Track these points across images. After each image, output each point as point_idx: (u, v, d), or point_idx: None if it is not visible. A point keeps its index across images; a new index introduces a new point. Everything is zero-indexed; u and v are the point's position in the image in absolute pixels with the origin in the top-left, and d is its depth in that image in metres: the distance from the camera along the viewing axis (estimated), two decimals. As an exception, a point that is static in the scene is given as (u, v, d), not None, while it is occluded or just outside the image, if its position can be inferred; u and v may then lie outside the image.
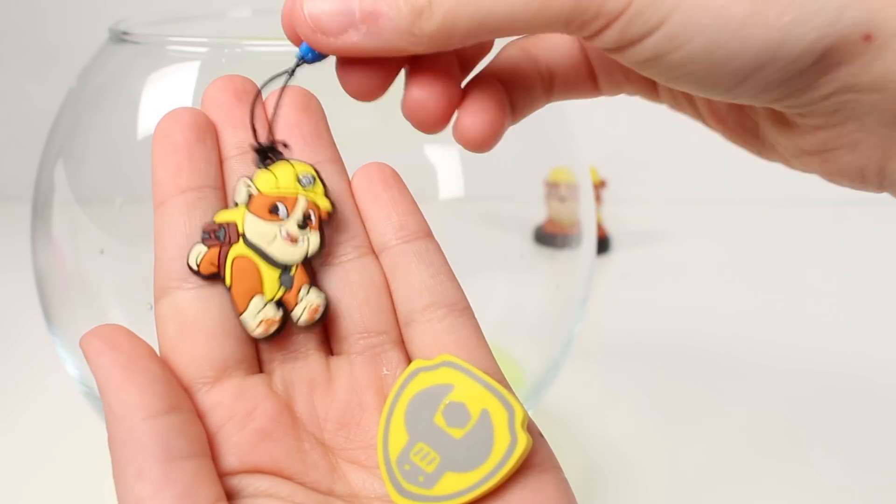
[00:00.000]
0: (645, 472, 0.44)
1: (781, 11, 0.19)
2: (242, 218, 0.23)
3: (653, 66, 0.21)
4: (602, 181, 0.74)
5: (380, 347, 0.24)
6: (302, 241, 0.23)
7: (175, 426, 0.21)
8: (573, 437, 0.47)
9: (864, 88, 0.20)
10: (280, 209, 0.23)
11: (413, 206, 0.25)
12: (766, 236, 0.79)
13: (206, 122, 0.25)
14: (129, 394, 0.21)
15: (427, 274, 0.24)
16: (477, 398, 0.22)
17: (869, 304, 0.63)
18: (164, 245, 0.23)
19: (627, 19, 0.20)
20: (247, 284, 0.23)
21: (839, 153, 0.22)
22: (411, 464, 0.22)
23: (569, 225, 0.44)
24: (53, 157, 0.41)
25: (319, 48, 0.22)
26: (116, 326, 0.22)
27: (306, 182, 0.24)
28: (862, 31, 0.19)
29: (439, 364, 0.22)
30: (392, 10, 0.21)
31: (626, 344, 0.58)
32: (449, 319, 0.24)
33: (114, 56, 0.40)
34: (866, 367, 0.54)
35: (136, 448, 0.20)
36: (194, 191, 0.24)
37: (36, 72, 0.85)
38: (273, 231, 0.23)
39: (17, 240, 0.50)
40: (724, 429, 0.48)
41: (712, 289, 0.67)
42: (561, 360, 0.43)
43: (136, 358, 0.22)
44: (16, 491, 0.43)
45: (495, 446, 0.21)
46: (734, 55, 0.20)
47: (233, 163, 0.25)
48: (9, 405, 0.51)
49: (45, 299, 0.41)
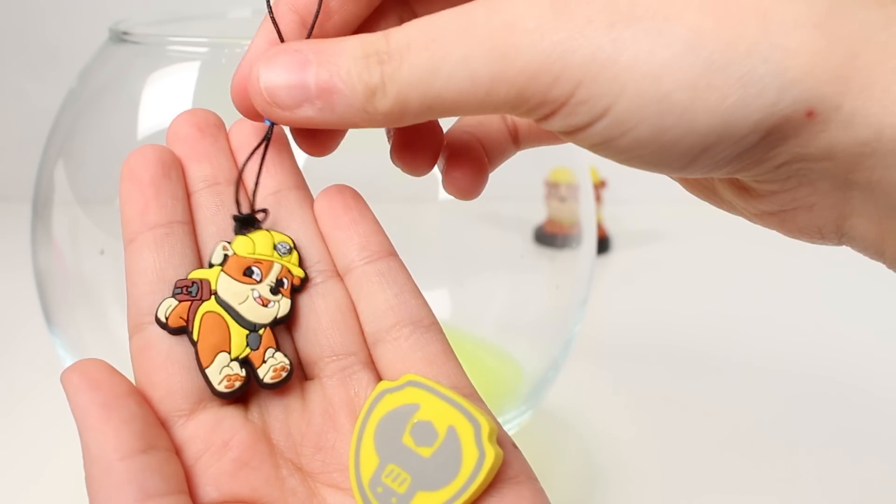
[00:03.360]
0: (645, 471, 0.44)
1: (723, 95, 0.19)
2: (216, 277, 0.24)
3: (603, 149, 0.21)
4: (602, 181, 0.74)
5: (350, 369, 0.24)
6: (273, 305, 0.24)
7: (151, 465, 0.21)
8: (573, 437, 0.47)
9: (813, 158, 0.20)
10: (255, 272, 0.24)
11: (375, 226, 0.25)
12: (766, 236, 0.79)
13: (171, 157, 0.25)
14: (106, 434, 0.21)
15: (391, 293, 0.24)
16: (442, 416, 0.22)
17: (869, 305, 0.63)
18: (135, 282, 0.24)
19: (571, 107, 0.20)
20: (213, 340, 0.23)
21: (796, 213, 0.23)
22: (383, 486, 0.22)
23: (569, 225, 0.44)
24: (53, 157, 0.41)
25: (275, 120, 0.22)
26: (97, 361, 0.23)
27: (283, 250, 0.24)
28: (804, 108, 0.20)
29: (404, 384, 0.23)
30: (346, 88, 0.21)
31: (626, 344, 0.58)
32: (415, 337, 0.24)
33: (114, 56, 0.40)
34: (867, 368, 0.54)
35: (112, 488, 0.21)
36: (162, 226, 0.24)
37: (36, 72, 0.85)
38: (245, 292, 0.24)
39: (17, 240, 0.50)
40: (725, 428, 0.48)
41: (712, 289, 0.67)
42: (561, 360, 0.43)
43: (115, 397, 0.22)
44: (16, 491, 0.43)
45: (464, 462, 0.21)
46: (680, 138, 0.20)
47: (199, 196, 0.25)
48: (9, 405, 0.51)
49: (45, 299, 0.41)
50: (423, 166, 0.26)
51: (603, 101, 0.20)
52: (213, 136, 0.25)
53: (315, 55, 0.22)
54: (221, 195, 0.25)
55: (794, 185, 0.22)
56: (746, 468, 0.44)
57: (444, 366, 0.24)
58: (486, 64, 0.20)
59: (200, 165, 0.25)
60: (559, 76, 0.20)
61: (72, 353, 0.40)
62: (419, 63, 0.21)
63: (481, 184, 0.27)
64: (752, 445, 0.46)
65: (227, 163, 0.25)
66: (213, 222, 0.25)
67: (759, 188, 0.23)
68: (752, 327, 0.60)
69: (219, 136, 0.26)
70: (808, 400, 0.51)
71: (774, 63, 0.19)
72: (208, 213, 0.25)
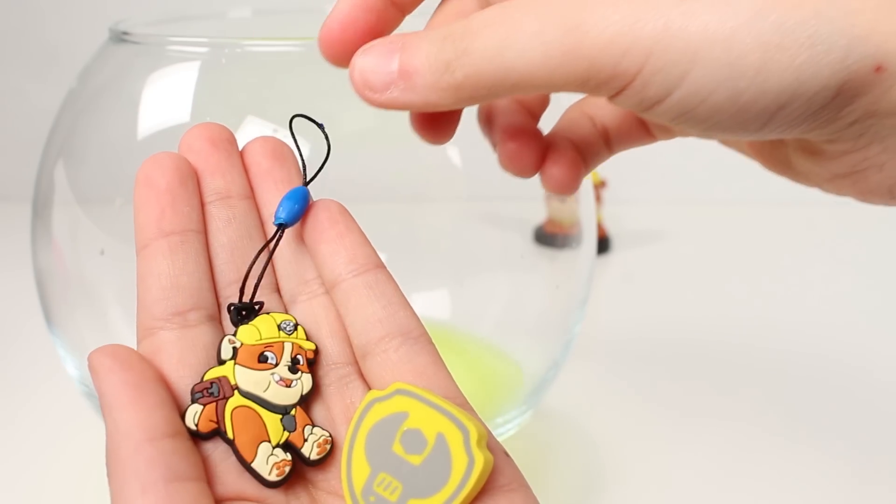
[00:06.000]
0: (645, 472, 0.44)
1: (793, 55, 0.20)
2: (232, 371, 0.24)
3: (683, 121, 0.22)
4: (602, 181, 0.74)
5: (346, 378, 0.25)
6: (296, 384, 0.24)
7: (179, 450, 0.22)
8: (573, 437, 0.47)
9: (883, 114, 0.21)
10: (269, 356, 0.24)
11: (362, 238, 0.25)
12: (766, 236, 0.79)
13: (187, 166, 0.25)
14: (138, 414, 0.21)
15: (379, 305, 0.24)
16: (431, 423, 0.22)
17: (869, 305, 0.63)
18: (148, 287, 0.24)
19: (645, 79, 0.21)
20: (251, 433, 0.23)
21: (868, 174, 0.24)
22: (375, 495, 0.22)
23: (569, 225, 0.44)
24: (53, 157, 0.41)
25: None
26: (127, 347, 0.23)
27: (288, 329, 0.25)
28: (872, 63, 0.20)
29: (392, 393, 0.23)
30: (424, 66, 0.22)
31: (626, 344, 0.58)
32: (404, 349, 0.24)
33: (114, 56, 0.40)
34: (867, 367, 0.54)
35: (142, 466, 0.21)
36: (177, 234, 0.24)
37: (36, 72, 0.85)
38: (266, 378, 0.24)
39: (17, 240, 0.50)
40: (725, 428, 0.48)
41: (712, 289, 0.67)
42: (561, 360, 0.43)
43: (145, 380, 0.22)
44: (16, 491, 0.43)
45: (454, 469, 0.21)
46: (755, 99, 0.21)
47: (212, 208, 0.25)
48: (9, 405, 0.51)
49: (45, 299, 0.41)
50: (530, 169, 0.28)
51: (677, 69, 0.21)
52: (226, 151, 0.26)
53: (402, 44, 0.23)
54: (233, 208, 0.26)
55: (866, 143, 0.23)
56: (747, 468, 0.44)
57: (434, 377, 0.24)
58: (557, 37, 0.21)
59: (213, 178, 0.26)
60: (629, 48, 0.20)
61: (72, 353, 0.40)
62: (492, 36, 0.21)
63: (578, 180, 0.29)
64: (752, 445, 0.46)
65: (239, 178, 0.26)
66: (224, 233, 0.25)
67: (832, 149, 0.23)
68: (752, 327, 0.60)
69: (231, 151, 0.26)
70: (809, 400, 0.51)
71: (840, 21, 0.20)
72: (220, 224, 0.25)
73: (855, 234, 0.79)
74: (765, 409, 0.50)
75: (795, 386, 0.52)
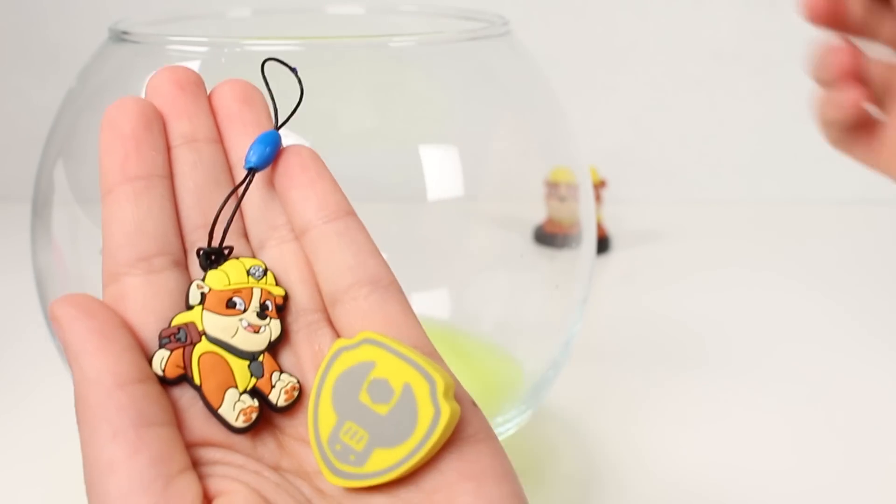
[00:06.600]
0: (644, 472, 0.44)
1: None
2: (200, 317, 0.23)
3: None
4: (602, 181, 0.74)
5: (315, 325, 0.24)
6: (264, 329, 0.24)
7: (148, 395, 0.22)
8: (573, 437, 0.47)
9: None
10: (237, 302, 0.24)
11: (333, 185, 0.25)
12: (766, 236, 0.79)
13: (152, 110, 0.25)
14: (105, 361, 0.21)
15: (349, 253, 0.24)
16: (398, 373, 0.22)
17: (869, 304, 0.63)
18: (112, 233, 0.24)
19: None
20: (218, 379, 0.23)
21: None
22: (342, 443, 0.22)
23: (569, 225, 0.44)
24: (53, 157, 0.41)
25: None
26: (88, 295, 0.23)
27: (258, 274, 0.24)
28: None
29: (360, 342, 0.23)
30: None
31: (626, 344, 0.58)
32: (374, 297, 0.24)
33: (114, 56, 0.40)
34: (867, 367, 0.54)
35: (113, 411, 0.21)
36: (142, 179, 0.24)
37: (36, 72, 0.85)
38: (234, 324, 0.24)
39: (17, 240, 0.50)
40: (725, 428, 0.48)
41: (712, 289, 0.67)
42: (561, 360, 0.43)
43: (111, 327, 0.22)
44: (15, 490, 0.43)
45: (420, 419, 0.21)
46: None
47: (178, 152, 0.25)
48: (9, 405, 0.51)
49: (45, 299, 0.41)
50: None
51: None
52: (193, 94, 0.25)
53: None
54: (200, 152, 0.25)
55: None
56: (747, 467, 0.44)
57: (404, 325, 0.24)
58: None
59: (180, 121, 0.25)
60: None
61: (72, 353, 0.40)
62: None
63: None
64: (752, 445, 0.46)
65: (206, 121, 0.25)
66: (190, 178, 0.25)
67: None
68: (752, 327, 0.60)
69: (199, 94, 0.26)
70: (810, 399, 0.51)
71: None
72: (186, 169, 0.25)
73: (855, 234, 0.79)
74: (765, 408, 0.50)
75: (796, 385, 0.52)
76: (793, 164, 0.85)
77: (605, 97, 0.85)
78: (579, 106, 0.72)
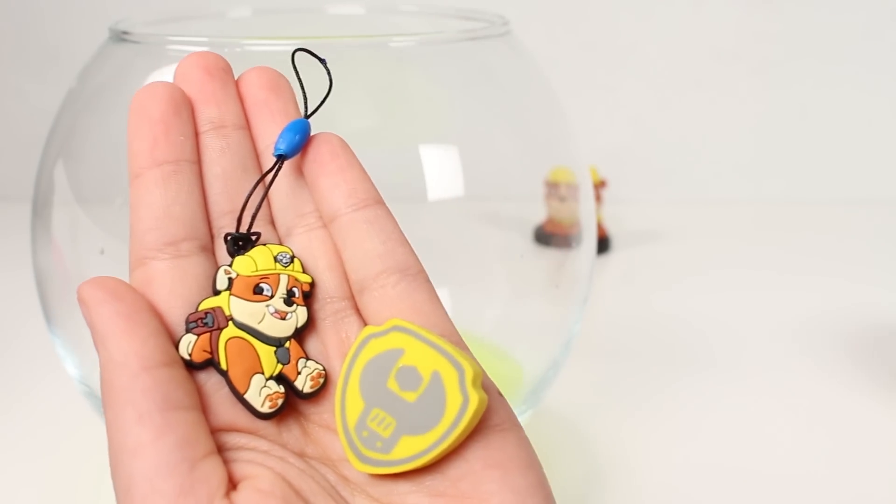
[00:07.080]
0: (645, 471, 0.44)
1: None
2: (227, 302, 0.24)
3: None
4: (602, 181, 0.74)
5: (342, 313, 0.24)
6: (290, 316, 0.24)
7: (174, 378, 0.22)
8: (573, 437, 0.47)
9: None
10: (264, 288, 0.24)
11: (362, 173, 0.25)
12: (766, 236, 0.79)
13: (181, 96, 0.25)
14: (133, 343, 0.21)
15: (378, 241, 0.24)
16: (427, 360, 0.22)
17: (869, 304, 0.63)
18: (140, 216, 0.24)
19: None
20: (245, 365, 0.23)
21: None
22: (369, 430, 0.22)
23: (569, 225, 0.44)
24: (53, 157, 0.41)
25: None
26: (116, 279, 0.23)
27: (285, 261, 0.24)
28: None
29: (389, 329, 0.23)
30: None
31: (627, 344, 0.58)
32: (402, 285, 0.24)
33: (114, 56, 0.40)
34: (867, 367, 0.54)
35: (139, 394, 0.21)
36: (171, 164, 0.24)
37: (36, 72, 0.85)
38: (261, 310, 0.24)
39: (17, 240, 0.50)
40: (725, 428, 0.48)
41: (712, 289, 0.67)
42: (561, 360, 0.43)
43: (138, 310, 0.22)
44: (15, 490, 0.43)
45: (448, 407, 0.21)
46: None
47: (206, 138, 0.25)
48: (9, 405, 0.51)
49: (45, 299, 0.41)
50: None
51: None
52: (221, 80, 0.26)
53: None
54: (227, 138, 0.25)
55: None
56: (748, 467, 0.44)
57: (432, 314, 0.24)
58: None
59: (208, 107, 0.25)
60: None
61: (72, 353, 0.40)
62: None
63: None
64: (753, 445, 0.46)
65: (234, 107, 0.25)
66: (218, 163, 0.25)
67: None
68: (752, 327, 0.60)
69: (227, 80, 0.26)
70: (810, 399, 0.51)
71: None
72: (214, 154, 0.25)
73: (855, 234, 0.79)
74: (765, 408, 0.50)
75: (796, 385, 0.52)
76: (793, 164, 0.85)
77: (605, 97, 0.85)
78: (579, 106, 0.72)
